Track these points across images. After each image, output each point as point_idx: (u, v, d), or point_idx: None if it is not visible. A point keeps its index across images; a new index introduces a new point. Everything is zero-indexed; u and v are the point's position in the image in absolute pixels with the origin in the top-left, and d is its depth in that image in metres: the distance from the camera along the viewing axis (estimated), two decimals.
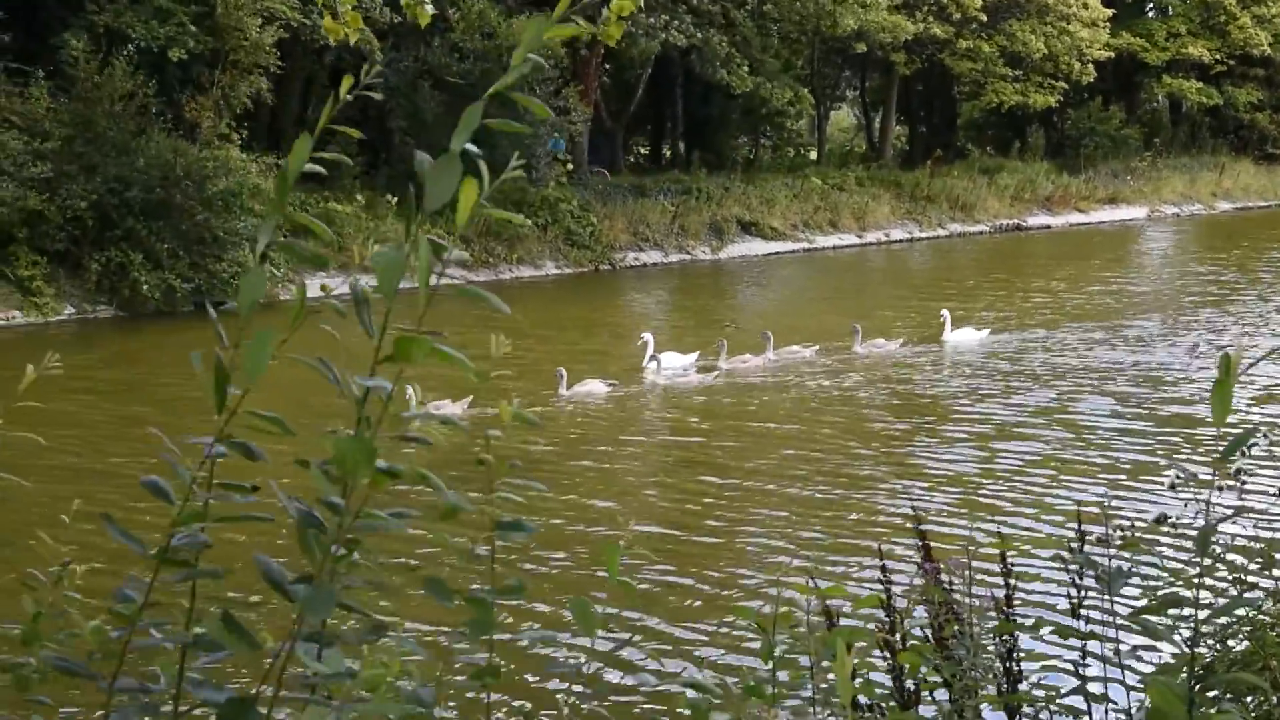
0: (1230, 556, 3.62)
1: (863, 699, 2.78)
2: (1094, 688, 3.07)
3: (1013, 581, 3.05)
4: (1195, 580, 2.13)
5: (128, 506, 11.00)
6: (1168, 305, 26.54)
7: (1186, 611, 2.32)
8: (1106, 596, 3.16)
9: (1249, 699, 2.80)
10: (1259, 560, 3.63)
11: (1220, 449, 2.14)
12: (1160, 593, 2.67)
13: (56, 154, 25.71)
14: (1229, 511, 2.77)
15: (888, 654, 2.89)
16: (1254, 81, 55.54)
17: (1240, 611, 2.68)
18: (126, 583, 1.99)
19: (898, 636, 2.91)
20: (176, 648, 1.90)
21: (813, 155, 53.59)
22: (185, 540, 1.89)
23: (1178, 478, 11.92)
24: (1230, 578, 3.69)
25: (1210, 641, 2.67)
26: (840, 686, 1.63)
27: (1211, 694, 2.64)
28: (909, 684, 2.81)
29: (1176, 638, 2.24)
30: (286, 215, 1.98)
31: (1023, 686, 3.08)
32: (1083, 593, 3.18)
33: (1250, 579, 3.74)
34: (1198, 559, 2.09)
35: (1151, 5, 58.71)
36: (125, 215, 25.88)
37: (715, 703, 2.03)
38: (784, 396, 17.84)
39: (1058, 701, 2.99)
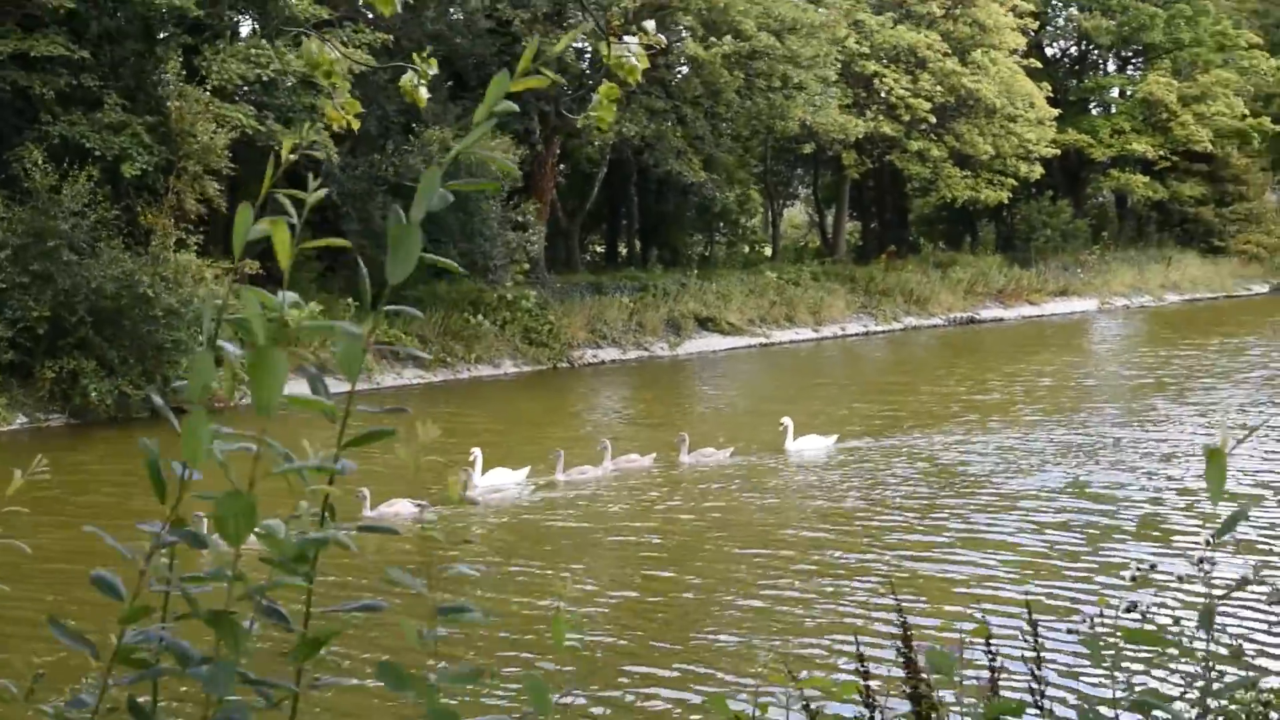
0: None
1: None
2: None
3: (998, 664, 2.98)
4: (1203, 658, 2.07)
5: (98, 604, 10.71)
6: (1121, 393, 26.78)
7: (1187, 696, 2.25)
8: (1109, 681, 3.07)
9: None
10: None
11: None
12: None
13: (10, 264, 25.55)
14: (1222, 591, 2.71)
15: None
16: (1197, 176, 56.81)
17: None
18: (84, 688, 1.90)
19: None
20: None
21: (767, 251, 54.10)
22: (139, 638, 1.81)
23: (1138, 570, 11.91)
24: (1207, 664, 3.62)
25: None
26: None
27: None
28: None
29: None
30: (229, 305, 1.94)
31: None
32: (1043, 685, 3.11)
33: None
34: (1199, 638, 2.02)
35: (1095, 103, 60.15)
36: (79, 325, 25.67)
37: None
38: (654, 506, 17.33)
39: None
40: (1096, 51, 60.32)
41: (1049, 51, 59.27)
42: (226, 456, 1.75)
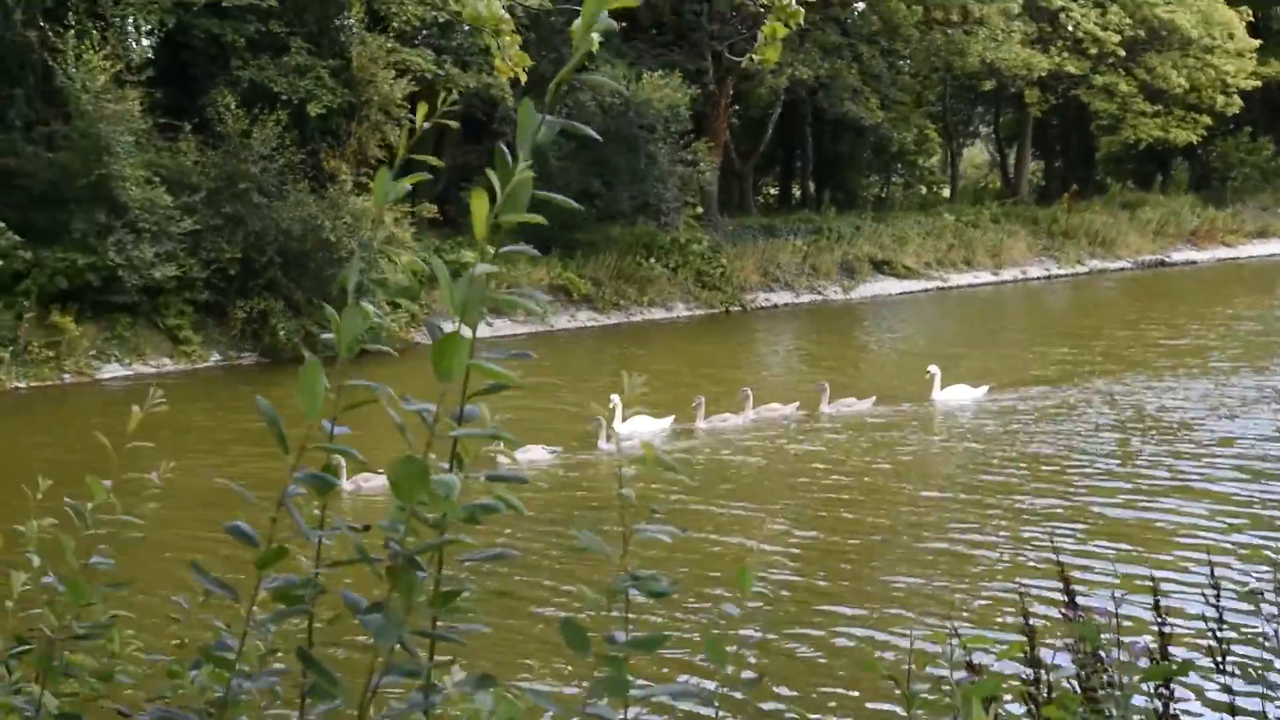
0: None
1: None
2: None
3: (1167, 629, 2.86)
4: None
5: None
6: None
7: None
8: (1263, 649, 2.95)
9: None
10: None
11: None
12: None
13: (204, 206, 26.62)
14: None
15: (1031, 707, 2.73)
16: None
17: None
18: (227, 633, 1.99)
19: (1041, 688, 2.75)
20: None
21: (945, 192, 52.87)
22: (277, 584, 1.87)
23: None
24: None
25: None
26: None
27: None
28: None
29: None
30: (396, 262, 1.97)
31: None
32: (1225, 645, 2.99)
33: None
34: None
35: None
36: (268, 266, 26.66)
37: None
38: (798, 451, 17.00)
39: None
40: None
41: None
42: (405, 418, 1.78)
